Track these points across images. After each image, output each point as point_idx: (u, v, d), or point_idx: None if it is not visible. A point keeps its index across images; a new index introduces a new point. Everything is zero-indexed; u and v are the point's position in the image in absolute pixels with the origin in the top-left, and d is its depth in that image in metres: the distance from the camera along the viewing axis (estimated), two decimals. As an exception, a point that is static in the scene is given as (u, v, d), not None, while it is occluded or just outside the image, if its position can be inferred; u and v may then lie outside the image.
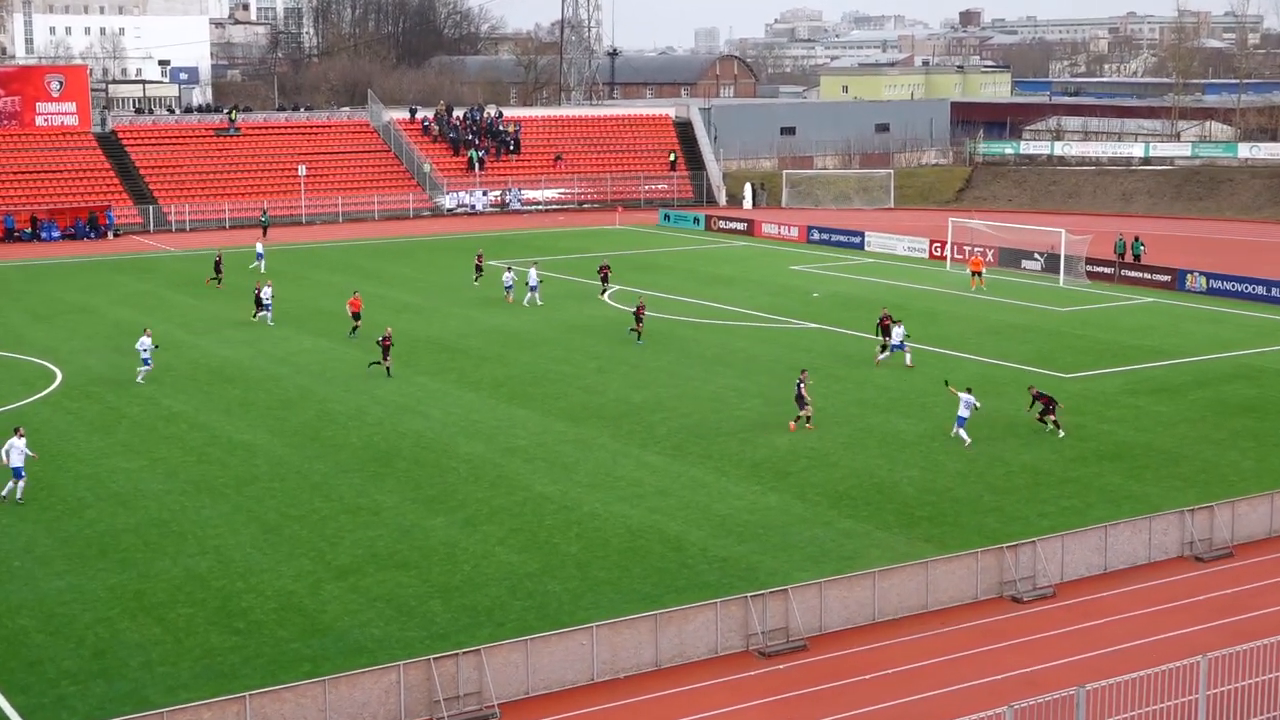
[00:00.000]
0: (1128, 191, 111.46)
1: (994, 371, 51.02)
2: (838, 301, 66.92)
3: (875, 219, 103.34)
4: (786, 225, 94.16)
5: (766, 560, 31.84)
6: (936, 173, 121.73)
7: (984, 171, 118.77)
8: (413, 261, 79.95)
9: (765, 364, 52.62)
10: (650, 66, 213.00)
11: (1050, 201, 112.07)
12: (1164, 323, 61.60)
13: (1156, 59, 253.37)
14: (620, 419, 44.40)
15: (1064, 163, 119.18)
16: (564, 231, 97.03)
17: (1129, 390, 48.36)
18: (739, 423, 43.90)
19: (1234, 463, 39.59)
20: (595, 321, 61.04)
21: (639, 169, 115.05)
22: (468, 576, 30.87)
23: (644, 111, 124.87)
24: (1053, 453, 40.41)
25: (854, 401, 46.62)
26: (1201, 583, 31.13)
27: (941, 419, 44.09)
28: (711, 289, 68.12)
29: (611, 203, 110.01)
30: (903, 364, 51.36)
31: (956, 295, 69.00)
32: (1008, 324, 60.68)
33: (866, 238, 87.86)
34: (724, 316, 62.95)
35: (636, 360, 53.09)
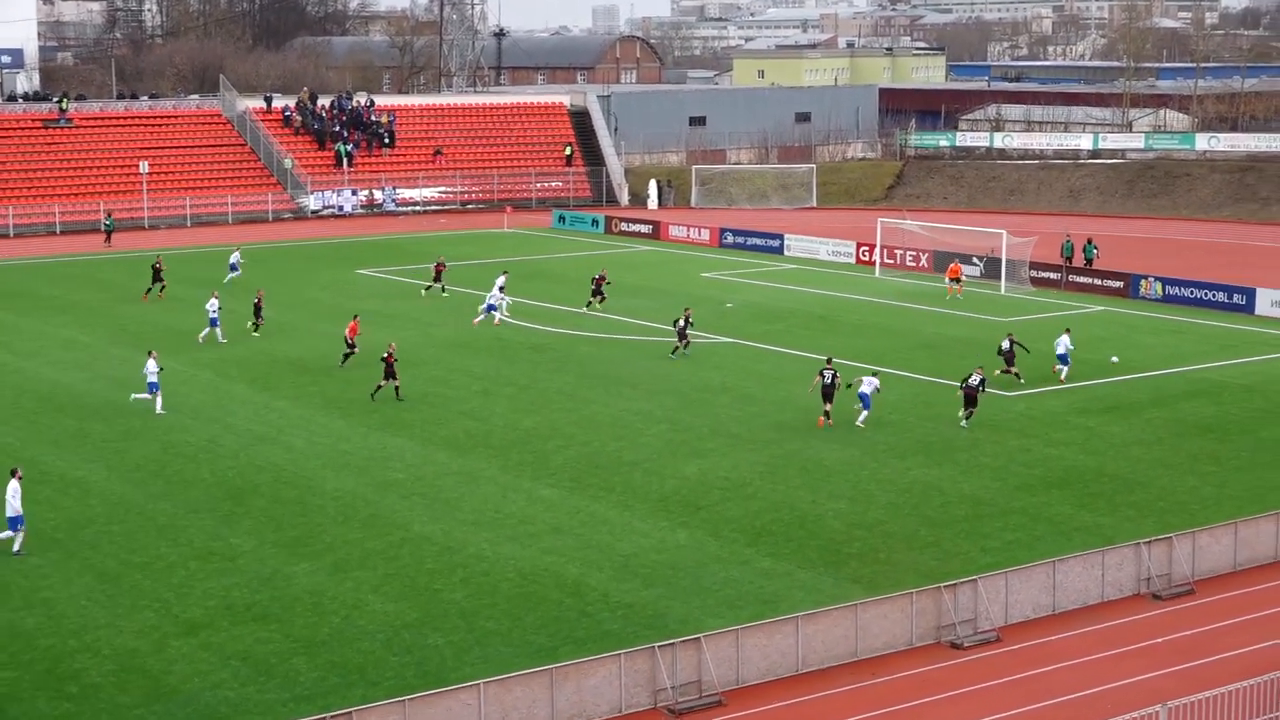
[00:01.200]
0: (1075, 188, 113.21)
1: (928, 390, 51.51)
2: (754, 312, 67.28)
3: (796, 220, 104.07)
4: (696, 227, 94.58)
5: (676, 606, 31.86)
6: (863, 168, 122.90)
7: (916, 166, 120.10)
8: (272, 271, 79.28)
9: (673, 383, 52.75)
10: (542, 49, 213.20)
11: (990, 199, 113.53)
12: (1116, 334, 62.57)
13: (1105, 40, 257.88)
14: (509, 448, 44.30)
15: (1005, 156, 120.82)
16: (445, 236, 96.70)
17: (1079, 409, 49.06)
18: (644, 451, 43.97)
19: (1194, 489, 40.26)
20: (480, 338, 60.90)
21: (530, 165, 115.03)
22: (337, 629, 30.61)
23: (535, 100, 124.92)
24: (995, 480, 40.87)
25: (772, 425, 46.88)
26: (1160, 623, 31.59)
27: (871, 444, 44.46)
28: (613, 299, 68.21)
29: (499, 203, 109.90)
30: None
31: (887, 305, 69.66)
32: (943, 337, 61.31)
33: (786, 241, 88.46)
34: (627, 330, 63.05)
35: (527, 381, 53.03)
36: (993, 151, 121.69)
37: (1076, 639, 30.68)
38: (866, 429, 45.99)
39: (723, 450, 43.93)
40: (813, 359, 56.80)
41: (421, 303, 69.51)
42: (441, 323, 64.43)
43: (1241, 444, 44.86)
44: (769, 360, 57.04)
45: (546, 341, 59.85)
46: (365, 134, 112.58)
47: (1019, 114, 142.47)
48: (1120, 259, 79.98)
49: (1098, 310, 68.28)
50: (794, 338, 61.15)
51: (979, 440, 44.97)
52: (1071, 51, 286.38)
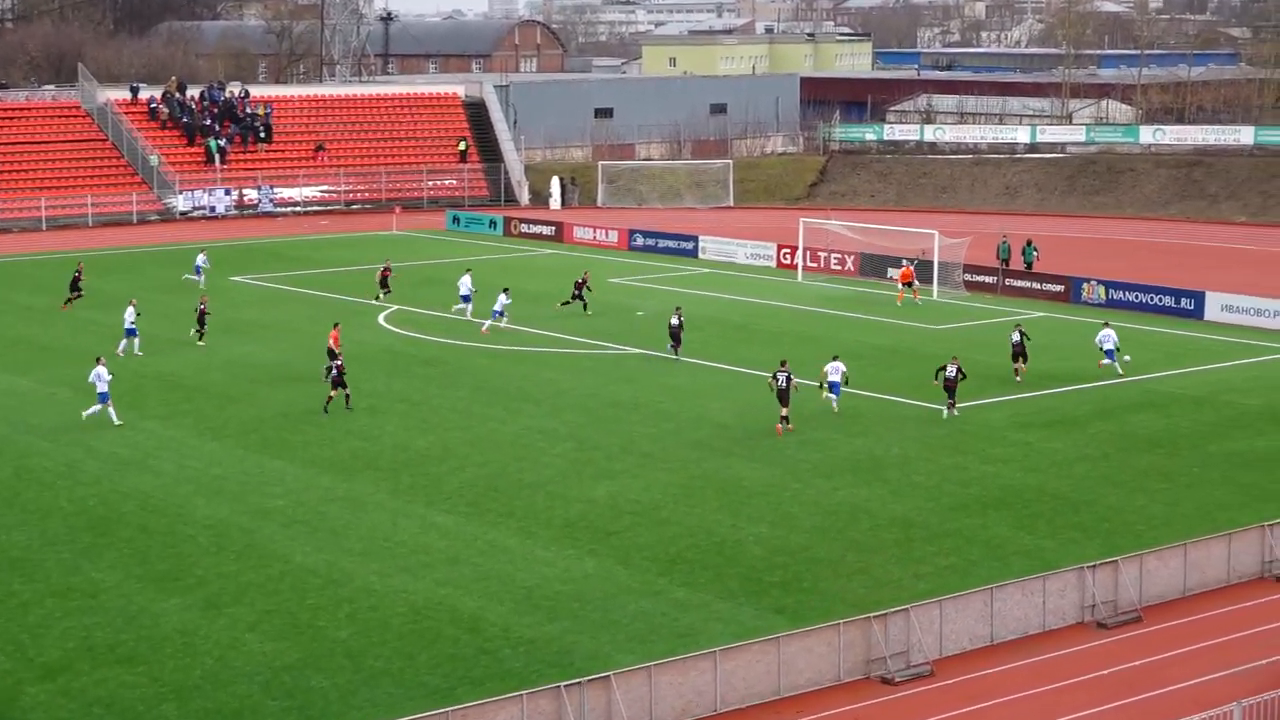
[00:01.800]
0: (1012, 184, 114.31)
1: (856, 403, 51.78)
2: (667, 321, 67.40)
3: (711, 220, 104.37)
4: (603, 229, 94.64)
5: (584, 641, 31.83)
6: (784, 163, 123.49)
7: (841, 161, 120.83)
8: (137, 279, 78.52)
9: (578, 399, 52.72)
10: (434, 35, 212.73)
11: (920, 197, 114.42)
12: (1057, 341, 63.20)
13: (1043, 26, 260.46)
14: (400, 470, 44.11)
15: (936, 150, 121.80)
16: (328, 239, 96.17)
17: (1017, 423, 49.49)
18: (547, 472, 43.91)
19: (1141, 508, 40.72)
20: (366, 349, 60.61)
21: (421, 161, 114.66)
22: (210, 672, 30.34)
23: (426, 90, 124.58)
24: (928, 501, 41.15)
25: (688, 443, 46.97)
26: (1105, 653, 31.90)
27: (794, 463, 44.64)
28: (512, 307, 68.15)
29: (388, 202, 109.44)
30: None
31: (810, 312, 69.99)
32: (870, 346, 61.68)
33: (701, 243, 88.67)
34: (527, 341, 62.98)
35: (419, 397, 52.84)
36: (923, 145, 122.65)
37: (1016, 671, 30.92)
38: (791, 448, 46.17)
39: (634, 471, 43.94)
40: (731, 371, 57.03)
41: (301, 311, 69.06)
42: (326, 334, 63.89)
43: (1191, 459, 45.43)
44: (683, 373, 57.14)
45: (439, 354, 59.65)
46: (239, 128, 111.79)
47: (951, 105, 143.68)
48: (1060, 261, 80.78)
49: (1037, 316, 68.93)
50: (710, 348, 61.30)
51: (910, 458, 45.27)
52: (1007, 38, 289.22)
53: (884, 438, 47.43)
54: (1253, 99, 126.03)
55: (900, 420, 49.84)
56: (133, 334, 60.01)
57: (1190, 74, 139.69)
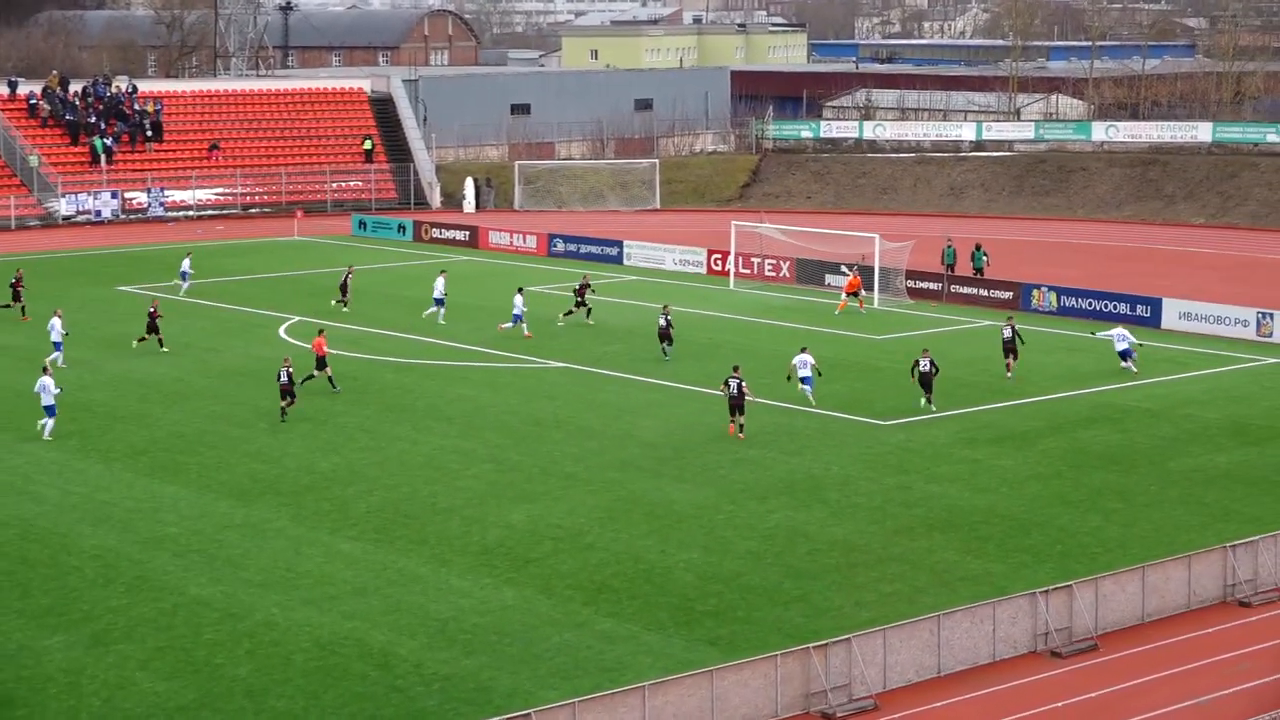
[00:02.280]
0: (957, 184, 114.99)
1: (792, 420, 51.92)
2: (590, 332, 67.39)
3: (637, 224, 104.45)
4: (521, 233, 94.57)
5: (503, 677, 31.76)
6: (714, 163, 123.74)
7: (775, 161, 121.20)
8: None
9: (496, 416, 52.64)
10: (337, 25, 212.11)
11: (860, 198, 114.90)
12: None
13: (988, 16, 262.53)
14: (303, 494, 43.91)
15: (876, 149, 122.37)
16: (223, 245, 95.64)
17: (964, 440, 49.76)
18: (463, 495, 43.81)
19: (1096, 529, 41.00)
20: (266, 365, 60.30)
21: (324, 161, 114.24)
22: (97, 715, 30.09)
23: (329, 85, 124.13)
24: (870, 523, 41.29)
25: (614, 463, 46.97)
26: (1060, 683, 32.09)
27: (727, 484, 44.71)
28: (425, 322, 67.94)
29: (288, 206, 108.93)
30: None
31: (743, 322, 70.13)
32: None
33: (626, 248, 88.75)
34: (440, 355, 62.83)
35: (322, 415, 52.62)
36: (862, 143, 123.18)
37: (965, 705, 31.05)
38: (724, 468, 46.24)
39: (556, 493, 43.91)
40: (660, 386, 57.07)
41: (194, 324, 68.65)
42: (222, 348, 63.68)
43: (1149, 477, 45.80)
44: (609, 388, 57.13)
45: (345, 369, 59.40)
46: (127, 126, 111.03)
47: (891, 100, 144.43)
48: (1009, 266, 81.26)
49: (984, 325, 69.29)
50: (637, 361, 61.32)
51: (851, 478, 45.43)
52: (950, 29, 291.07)
53: (823, 456, 47.58)
54: (1210, 93, 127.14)
55: (840, 438, 50.02)
56: (59, 346, 60.08)
57: (1145, 67, 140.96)
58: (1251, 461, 47.47)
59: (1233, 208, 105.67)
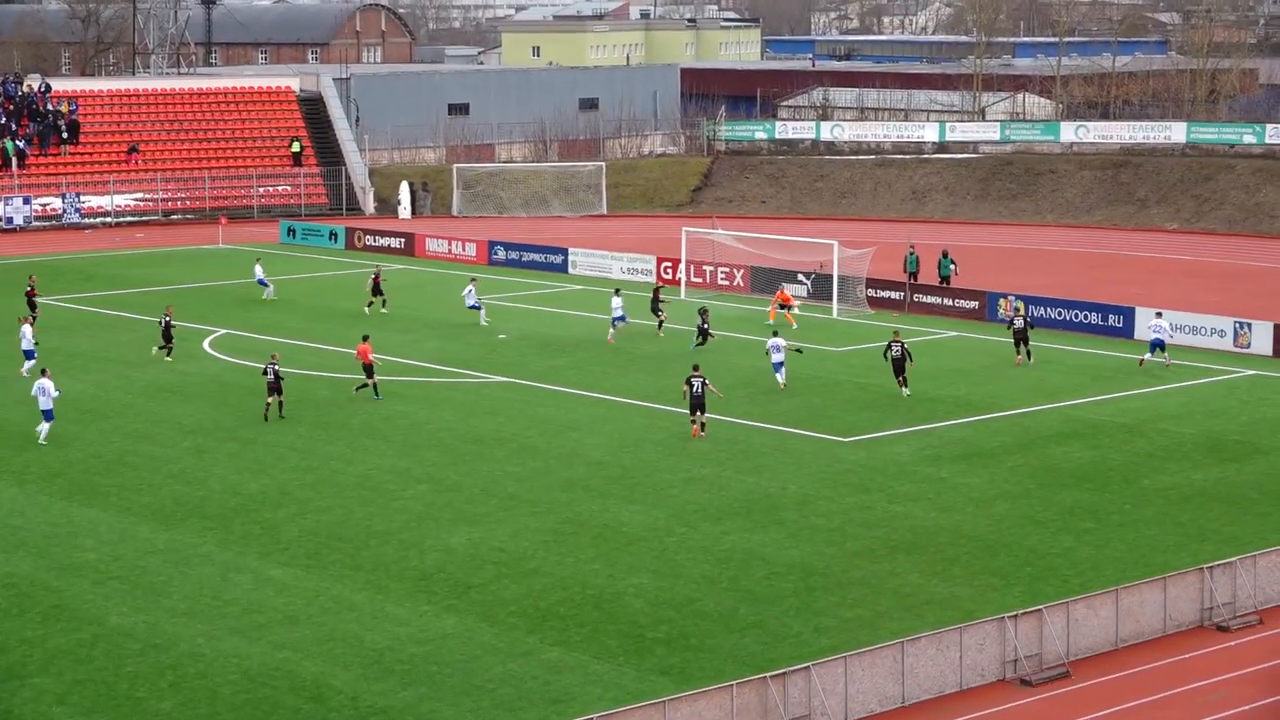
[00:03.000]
0: (919, 188, 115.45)
1: (748, 436, 52.03)
2: (534, 345, 67.41)
3: (583, 230, 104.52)
4: (460, 241, 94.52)
5: (444, 709, 31.73)
6: (664, 165, 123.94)
7: (728, 163, 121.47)
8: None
9: (433, 434, 52.61)
10: (263, 21, 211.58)
11: (818, 203, 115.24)
12: (971, 365, 63.83)
13: (951, 11, 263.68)
14: (230, 518, 43.77)
15: (834, 150, 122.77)
16: (143, 254, 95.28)
17: (928, 457, 49.94)
18: (400, 518, 43.75)
19: (1067, 551, 41.20)
20: (189, 380, 60.16)
21: (250, 164, 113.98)
22: (12, 752, 29.98)
23: (256, 83, 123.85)
24: (829, 545, 41.41)
25: (560, 483, 46.99)
26: (1030, 713, 32.24)
27: (679, 505, 44.78)
28: (356, 331, 67.82)
29: (212, 212, 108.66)
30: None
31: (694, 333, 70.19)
32: (765, 372, 61.97)
33: (571, 256, 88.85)
34: (379, 370, 62.69)
35: (251, 434, 52.48)
36: (819, 145, 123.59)
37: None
38: (676, 488, 46.33)
39: (498, 515, 43.91)
40: (607, 401, 57.13)
41: (114, 338, 68.40)
42: (144, 362, 63.43)
43: (1123, 495, 46.06)
44: (553, 403, 57.15)
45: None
46: (40, 127, 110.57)
47: (850, 99, 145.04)
48: (974, 274, 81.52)
49: (949, 336, 69.59)
50: (583, 375, 61.37)
51: (809, 497, 45.55)
52: (912, 24, 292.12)
53: (780, 475, 47.70)
54: (1184, 92, 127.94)
55: (798, 455, 50.15)
56: (32, 355, 60.57)
57: (1115, 64, 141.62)
58: (1229, 479, 47.77)
59: (1208, 212, 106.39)
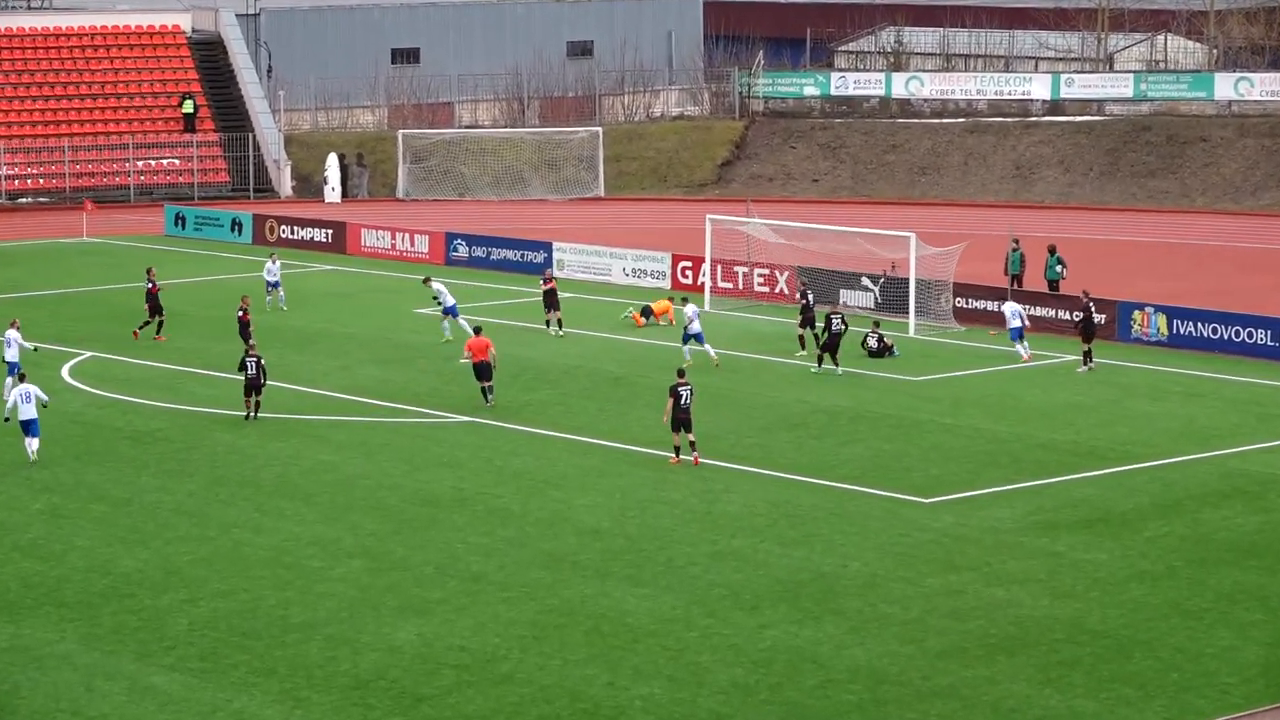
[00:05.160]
0: (1025, 161, 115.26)
1: (793, 494, 51.79)
2: (506, 373, 67.26)
3: (573, 219, 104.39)
4: (407, 233, 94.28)
5: None
6: (682, 132, 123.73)
7: (767, 129, 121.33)
8: None
9: (370, 492, 52.42)
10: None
11: (888, 182, 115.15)
12: (1096, 399, 63.60)
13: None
14: (97, 605, 43.58)
15: (911, 111, 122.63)
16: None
17: (1039, 524, 49.75)
18: (326, 606, 43.57)
19: (1228, 651, 40.99)
20: (44, 420, 60.01)
21: (124, 130, 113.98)
22: None
23: (132, 21, 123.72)
24: (905, 642, 41.20)
25: (540, 557, 46.83)
26: None
27: (702, 586, 44.64)
28: (272, 356, 67.80)
29: (74, 195, 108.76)
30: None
31: (723, 357, 69.97)
32: (817, 409, 61.84)
33: (557, 254, 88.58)
34: (297, 406, 62.61)
35: (125, 492, 52.28)
36: (890, 104, 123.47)
37: None
38: (698, 563, 46.14)
39: (457, 602, 43.72)
40: (605, 447, 57.03)
41: None
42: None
43: (1301, 575, 45.90)
44: (531, 450, 56.95)
45: (157, 425, 59.14)
46: None
47: (932, 43, 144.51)
48: (1098, 278, 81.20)
49: (1067, 360, 69.41)
50: (574, 414, 61.26)
51: (878, 577, 45.30)
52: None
53: (838, 547, 47.47)
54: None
55: (863, 521, 49.92)
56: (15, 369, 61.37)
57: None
58: None
59: None
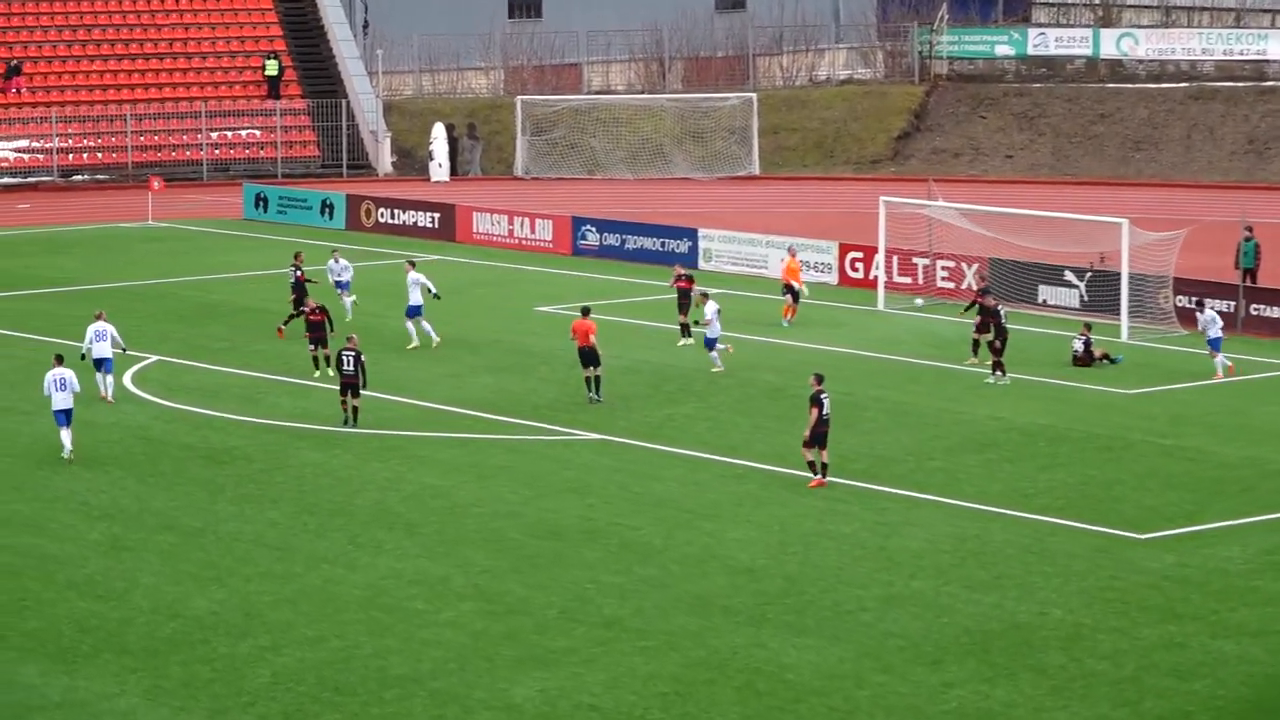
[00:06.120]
0: (1260, 134, 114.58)
1: (989, 527, 51.68)
2: (643, 382, 67.34)
3: (722, 200, 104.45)
4: (527, 217, 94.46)
5: None
6: (851, 99, 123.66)
7: (952, 96, 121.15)
8: None
9: (484, 522, 52.57)
10: None
11: (1097, 159, 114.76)
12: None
13: None
14: (164, 653, 43.70)
15: (1123, 74, 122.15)
16: (26, 236, 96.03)
17: (1277, 564, 49.43)
18: (431, 656, 43.61)
19: None
20: (103, 436, 60.34)
21: (196, 95, 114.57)
22: None
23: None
24: (1118, 706, 40.97)
25: (685, 601, 46.86)
26: None
27: (876, 636, 44.60)
28: (371, 363, 68.15)
29: (138, 171, 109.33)
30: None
31: (899, 365, 69.91)
32: (1011, 427, 61.73)
33: (703, 242, 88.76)
34: (399, 421, 62.80)
35: (199, 522, 52.44)
36: (1099, 66, 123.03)
37: None
38: (869, 609, 46.08)
39: (588, 652, 43.74)
40: (760, 470, 56.99)
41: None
42: (27, 407, 63.62)
43: None
44: (674, 474, 56.93)
45: (234, 443, 59.41)
46: None
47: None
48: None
49: (1309, 372, 69.22)
50: (722, 430, 61.30)
51: (1083, 628, 45.07)
52: None
53: (1036, 591, 47.32)
54: None
55: (1065, 559, 49.74)
56: (108, 367, 63.37)
57: None
58: None
59: None
